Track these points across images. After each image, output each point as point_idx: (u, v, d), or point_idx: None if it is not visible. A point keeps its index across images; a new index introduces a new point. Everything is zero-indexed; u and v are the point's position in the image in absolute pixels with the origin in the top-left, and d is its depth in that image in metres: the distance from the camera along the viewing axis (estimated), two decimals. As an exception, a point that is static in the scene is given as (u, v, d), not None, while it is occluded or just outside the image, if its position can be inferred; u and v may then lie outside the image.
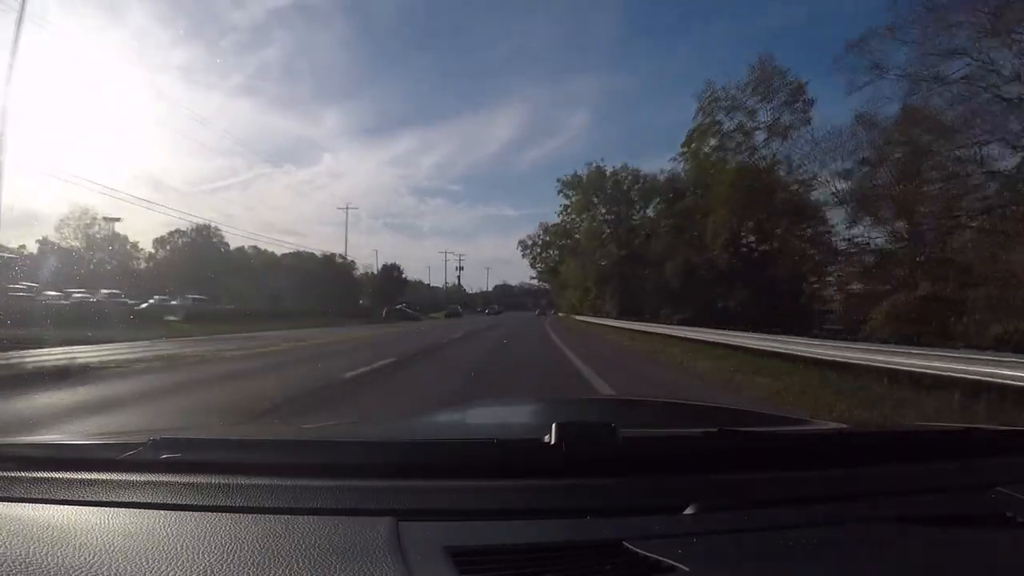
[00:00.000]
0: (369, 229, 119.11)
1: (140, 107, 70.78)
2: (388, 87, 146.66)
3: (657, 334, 19.58)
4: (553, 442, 0.92)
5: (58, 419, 4.99)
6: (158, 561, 0.69)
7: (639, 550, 0.73)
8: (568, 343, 16.61)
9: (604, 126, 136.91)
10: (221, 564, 0.68)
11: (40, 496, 0.90)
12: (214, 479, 0.91)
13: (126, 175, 72.82)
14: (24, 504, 0.88)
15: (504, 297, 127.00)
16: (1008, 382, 5.84)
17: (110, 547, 0.73)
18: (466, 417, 2.15)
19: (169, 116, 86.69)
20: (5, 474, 0.97)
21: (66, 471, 0.96)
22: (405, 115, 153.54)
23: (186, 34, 72.22)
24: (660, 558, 0.70)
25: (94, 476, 0.94)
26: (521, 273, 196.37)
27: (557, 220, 46.83)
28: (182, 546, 0.72)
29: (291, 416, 5.19)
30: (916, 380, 7.00)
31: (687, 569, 0.68)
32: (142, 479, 0.93)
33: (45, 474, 0.96)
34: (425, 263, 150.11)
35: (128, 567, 0.68)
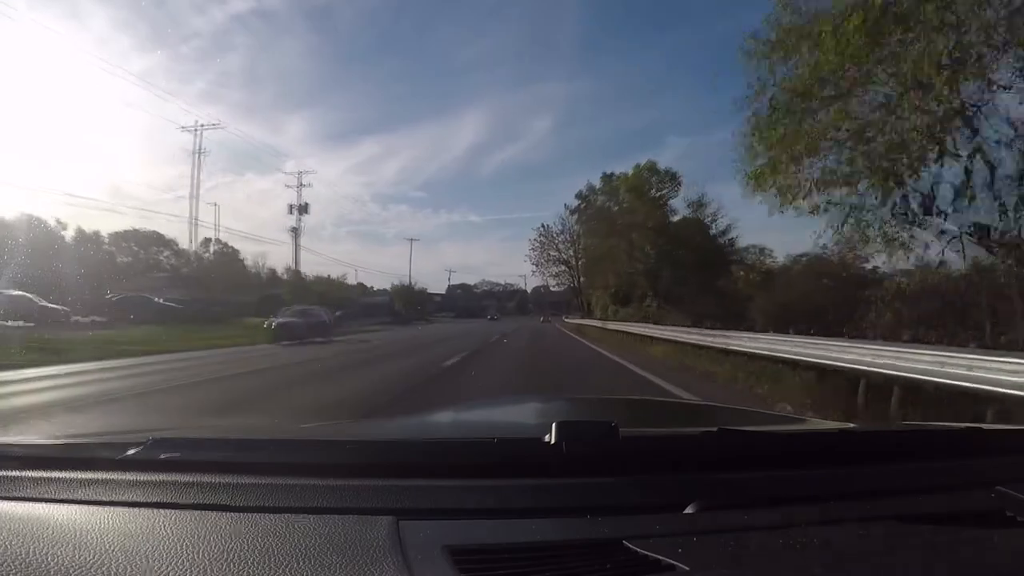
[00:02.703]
0: (333, 237, 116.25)
1: (99, 114, 65.24)
2: (351, 94, 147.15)
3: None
4: (553, 441, 0.91)
5: None
6: (158, 560, 0.69)
7: (639, 549, 0.72)
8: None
9: (567, 132, 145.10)
10: (221, 563, 0.68)
11: (40, 495, 0.90)
12: (213, 478, 0.90)
13: (85, 182, 66.86)
14: (24, 503, 0.88)
15: (460, 301, 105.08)
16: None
17: (110, 546, 0.72)
18: (466, 416, 2.15)
19: (129, 123, 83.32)
20: (5, 473, 0.97)
21: (66, 470, 0.96)
22: (368, 122, 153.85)
23: (147, 41, 69.42)
24: (660, 557, 0.70)
25: (94, 476, 0.94)
26: (483, 272, 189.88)
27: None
28: (182, 545, 0.72)
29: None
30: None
31: (687, 568, 0.68)
32: (142, 478, 0.93)
33: (45, 473, 0.95)
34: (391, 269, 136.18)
35: (128, 566, 0.68)
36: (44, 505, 0.87)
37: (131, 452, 0.97)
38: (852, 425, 1.68)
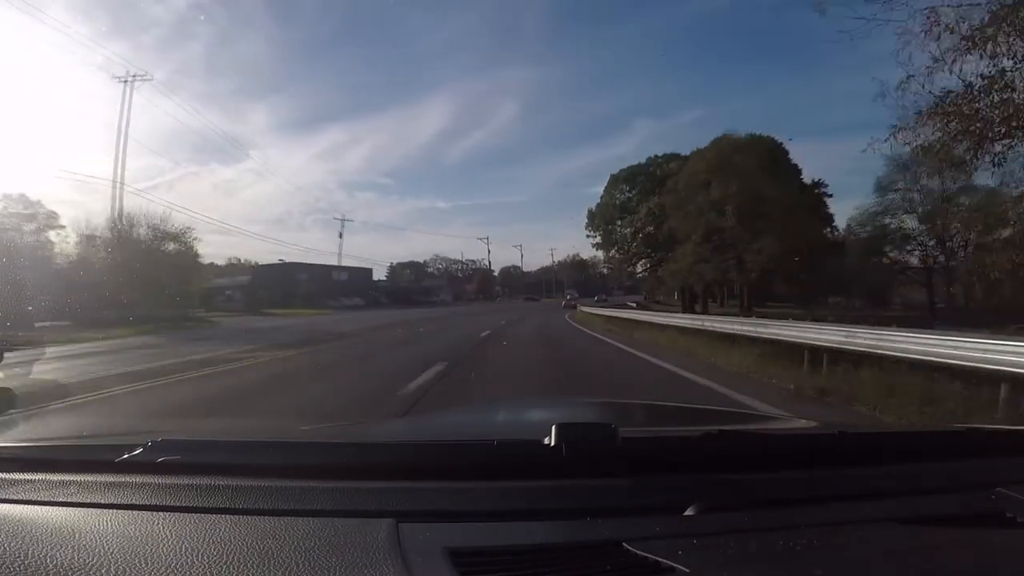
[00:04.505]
0: (300, 226, 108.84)
1: (59, 105, 54.47)
2: (315, 80, 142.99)
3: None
4: (553, 443, 0.90)
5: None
6: (157, 563, 0.69)
7: (639, 551, 0.72)
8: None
9: (534, 118, 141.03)
10: (220, 566, 0.67)
11: (39, 498, 0.89)
12: (213, 481, 0.90)
13: (47, 176, 61.72)
14: (23, 506, 0.87)
15: (409, 284, 76.45)
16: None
17: (109, 549, 0.72)
18: (466, 418, 2.14)
19: (90, 114, 73.32)
20: (4, 476, 0.96)
21: (65, 473, 0.95)
22: (333, 108, 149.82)
23: (107, 29, 62.03)
24: (660, 559, 0.70)
25: (93, 478, 0.93)
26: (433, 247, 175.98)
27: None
28: (181, 548, 0.72)
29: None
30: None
31: (687, 570, 0.68)
32: (141, 481, 0.92)
33: (45, 476, 0.95)
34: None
35: (127, 569, 0.67)
36: (43, 507, 0.86)
37: (130, 454, 0.96)
38: (852, 426, 1.79)
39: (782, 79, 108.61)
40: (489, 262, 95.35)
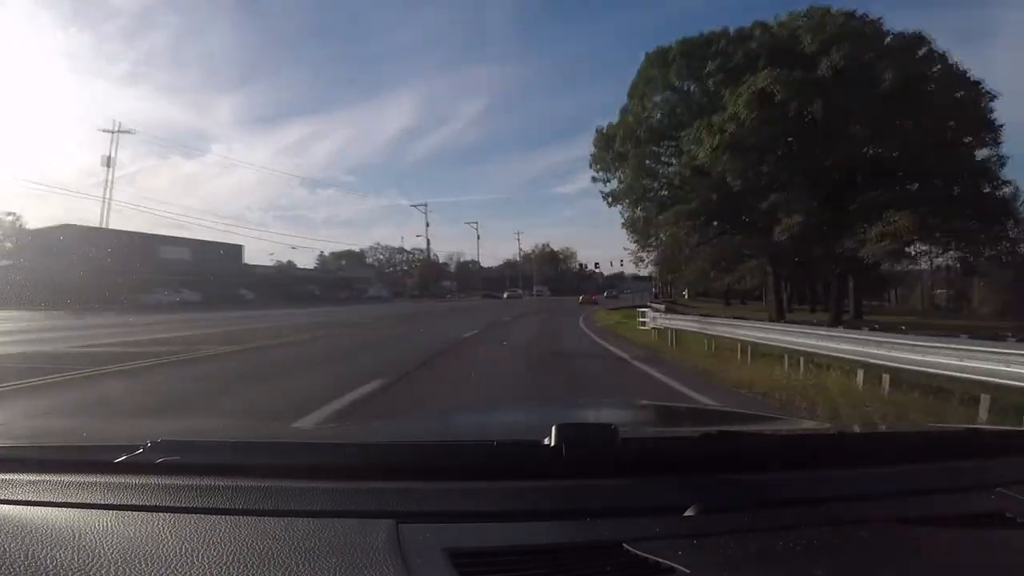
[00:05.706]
0: (260, 221, 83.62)
1: (18, 96, 64.32)
2: (279, 75, 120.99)
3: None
4: (553, 444, 0.91)
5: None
6: (156, 564, 0.69)
7: (639, 552, 0.72)
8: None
9: (498, 117, 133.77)
10: (219, 567, 0.68)
11: (39, 498, 0.89)
12: (213, 481, 0.90)
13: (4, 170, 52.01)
14: (24, 506, 0.87)
15: (322, 274, 57.50)
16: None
17: (108, 550, 0.72)
18: (466, 419, 2.12)
19: (50, 106, 59.11)
20: (5, 476, 0.95)
21: (64, 473, 0.95)
22: (297, 104, 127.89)
23: (69, 18, 66.58)
24: (660, 560, 0.70)
25: (92, 479, 0.93)
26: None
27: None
28: (181, 549, 0.72)
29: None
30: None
31: (687, 571, 0.68)
32: (141, 482, 0.92)
33: (44, 476, 0.95)
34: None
35: (127, 569, 0.68)
36: (43, 508, 0.86)
37: (130, 455, 0.95)
38: (852, 426, 1.77)
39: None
40: (427, 239, 73.29)
